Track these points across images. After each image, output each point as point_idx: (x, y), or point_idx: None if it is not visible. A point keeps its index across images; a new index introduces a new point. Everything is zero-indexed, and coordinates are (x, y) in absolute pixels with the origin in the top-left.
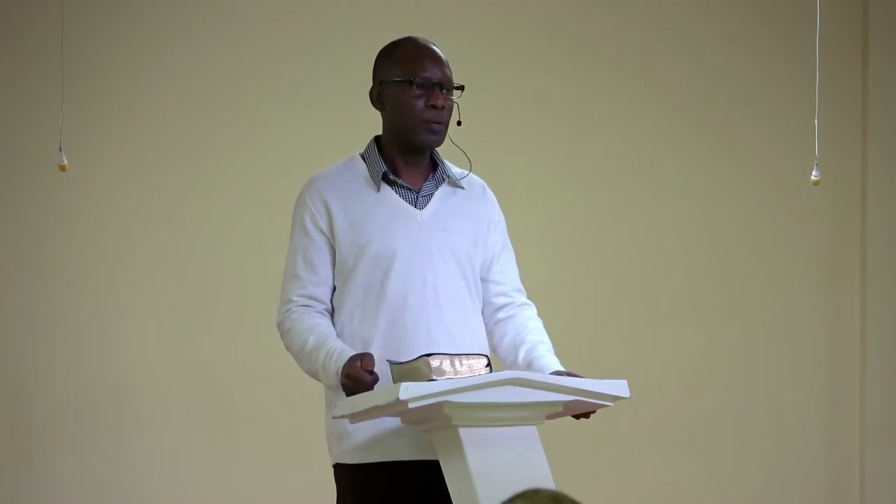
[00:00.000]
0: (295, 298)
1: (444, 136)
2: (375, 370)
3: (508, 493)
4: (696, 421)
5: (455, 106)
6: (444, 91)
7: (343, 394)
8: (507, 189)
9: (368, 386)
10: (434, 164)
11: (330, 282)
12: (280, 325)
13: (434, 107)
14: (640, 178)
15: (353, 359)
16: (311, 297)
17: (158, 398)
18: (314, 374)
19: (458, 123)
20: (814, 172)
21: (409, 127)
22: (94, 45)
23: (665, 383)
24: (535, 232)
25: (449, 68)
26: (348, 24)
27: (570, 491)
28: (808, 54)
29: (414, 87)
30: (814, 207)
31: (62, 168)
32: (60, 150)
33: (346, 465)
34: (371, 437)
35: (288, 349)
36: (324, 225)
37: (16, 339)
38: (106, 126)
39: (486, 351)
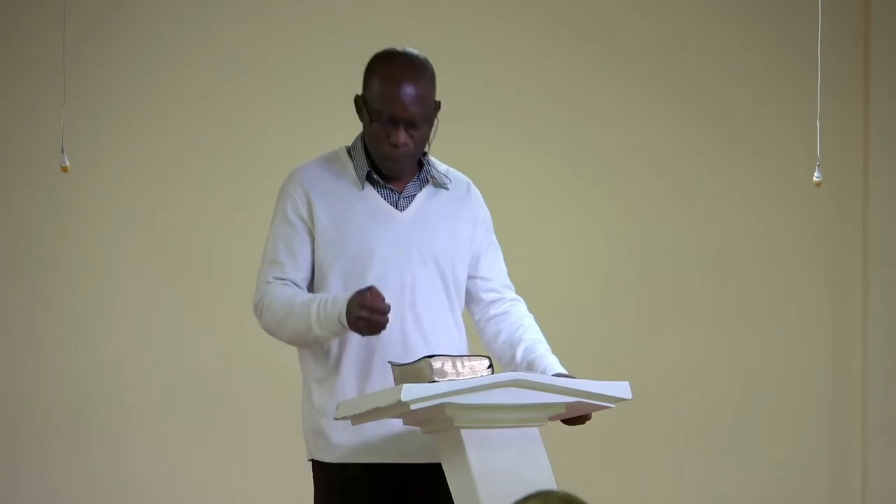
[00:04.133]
0: (272, 280)
1: (410, 163)
2: (351, 375)
3: (510, 494)
4: (696, 421)
5: (434, 127)
6: (410, 125)
7: (324, 391)
8: (512, 187)
9: (384, 314)
10: (420, 164)
11: (309, 270)
12: (257, 305)
13: (394, 146)
14: (642, 179)
15: (359, 293)
16: (289, 281)
17: (157, 398)
18: (305, 332)
19: (424, 154)
20: (816, 174)
21: (373, 153)
22: (96, 45)
23: (665, 383)
24: (539, 230)
25: (422, 99)
26: (350, 19)
27: (571, 492)
28: (811, 56)
29: (376, 119)
30: (816, 209)
31: (64, 169)
32: (62, 151)
33: (322, 462)
34: (348, 437)
35: (268, 325)
36: (305, 215)
37: (14, 339)
38: (108, 126)
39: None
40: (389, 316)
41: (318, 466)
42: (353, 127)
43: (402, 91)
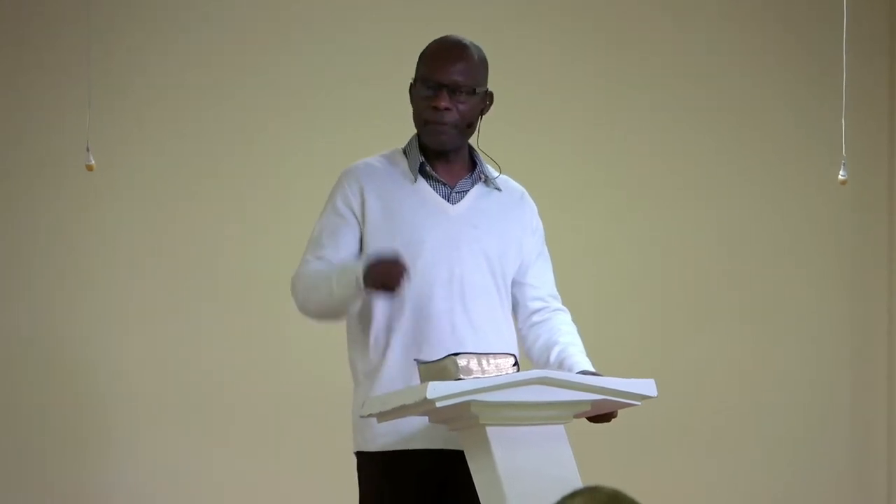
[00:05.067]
0: (310, 258)
1: (455, 138)
2: (390, 351)
3: (536, 492)
4: (718, 419)
5: (479, 113)
6: (453, 93)
7: (371, 384)
8: (534, 186)
9: (398, 266)
10: (473, 164)
11: (350, 256)
12: (292, 282)
13: (435, 108)
14: (664, 178)
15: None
16: (327, 260)
17: (166, 400)
18: (327, 299)
19: (468, 126)
20: (841, 172)
21: (418, 127)
22: (121, 42)
23: (688, 383)
24: (561, 230)
25: (467, 70)
26: (370, 17)
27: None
28: (835, 54)
29: (422, 87)
30: (841, 207)
31: (89, 168)
32: (88, 150)
33: (367, 452)
34: (393, 425)
35: (297, 297)
36: (356, 207)
37: (25, 339)
38: (121, 127)
39: (513, 348)
40: (439, 309)
41: (363, 457)
42: (372, 128)
43: (446, 58)
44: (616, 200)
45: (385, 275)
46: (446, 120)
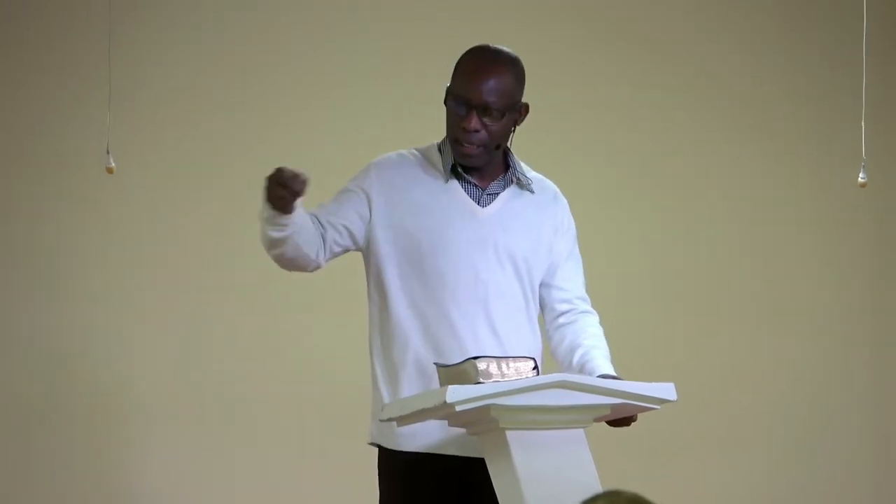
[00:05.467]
0: None
1: (483, 156)
2: (410, 352)
3: (555, 496)
4: (739, 422)
5: (512, 127)
6: (484, 113)
7: (391, 385)
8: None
9: (292, 177)
10: (507, 165)
11: (344, 228)
12: None
13: (464, 129)
14: (683, 179)
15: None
16: (315, 216)
17: (174, 401)
18: (261, 229)
19: (497, 147)
20: (861, 174)
21: (448, 139)
22: (142, 44)
23: (708, 384)
24: (580, 230)
25: (501, 90)
26: (388, 16)
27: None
28: (856, 56)
29: (453, 101)
30: (861, 209)
31: (109, 170)
32: (108, 152)
33: (387, 449)
34: (413, 428)
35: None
36: (373, 193)
37: (31, 339)
38: (145, 127)
39: (536, 354)
40: (461, 313)
41: (383, 452)
42: (390, 127)
43: (479, 77)
44: (633, 201)
45: (273, 189)
46: (474, 141)
